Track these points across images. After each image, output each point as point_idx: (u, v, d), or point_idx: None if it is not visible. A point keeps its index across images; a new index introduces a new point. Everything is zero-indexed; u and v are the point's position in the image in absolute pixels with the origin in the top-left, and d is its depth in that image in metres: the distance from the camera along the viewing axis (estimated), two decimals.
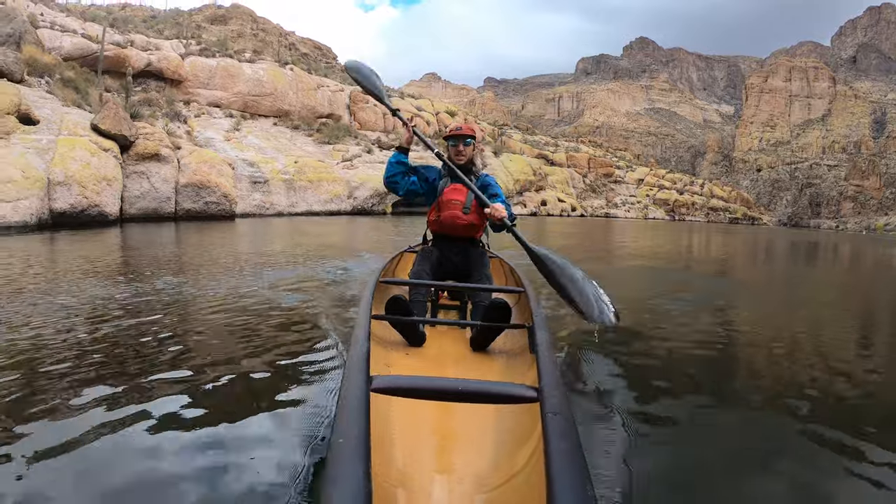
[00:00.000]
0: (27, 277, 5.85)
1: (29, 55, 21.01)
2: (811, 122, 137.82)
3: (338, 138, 34.85)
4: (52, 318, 3.99)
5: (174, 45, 38.97)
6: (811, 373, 3.65)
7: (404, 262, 4.33)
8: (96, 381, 2.71)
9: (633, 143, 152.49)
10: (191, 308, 4.62)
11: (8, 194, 11.22)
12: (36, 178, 11.86)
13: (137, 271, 6.48)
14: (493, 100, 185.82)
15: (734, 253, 16.49)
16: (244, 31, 78.35)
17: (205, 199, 16.61)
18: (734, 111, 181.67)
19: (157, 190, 15.34)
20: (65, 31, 32.17)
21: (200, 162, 17.06)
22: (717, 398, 3.02)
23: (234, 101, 35.31)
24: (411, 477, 1.47)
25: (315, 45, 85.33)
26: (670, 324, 5.01)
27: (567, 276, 2.31)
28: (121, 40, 34.22)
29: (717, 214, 72.54)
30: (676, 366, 3.62)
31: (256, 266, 7.31)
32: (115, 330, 3.73)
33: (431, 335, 2.83)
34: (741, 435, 2.50)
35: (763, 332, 4.95)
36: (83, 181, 12.75)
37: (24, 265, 6.85)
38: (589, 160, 67.94)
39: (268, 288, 5.55)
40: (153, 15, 79.63)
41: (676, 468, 2.14)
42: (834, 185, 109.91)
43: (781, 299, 7.32)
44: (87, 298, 4.70)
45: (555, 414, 1.38)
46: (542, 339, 2.11)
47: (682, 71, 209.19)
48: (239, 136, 28.50)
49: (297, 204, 23.47)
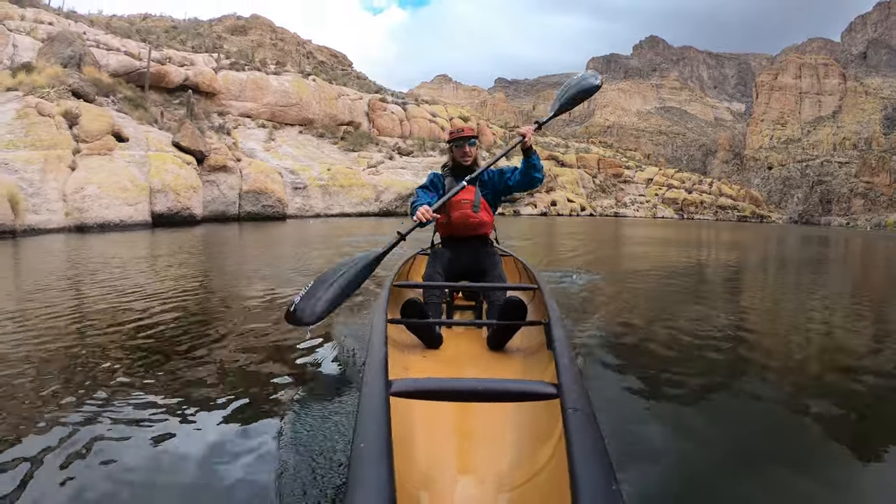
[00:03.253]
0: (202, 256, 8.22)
1: (91, 76, 23.29)
2: (822, 119, 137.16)
3: (361, 146, 37.28)
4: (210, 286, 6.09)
5: (205, 59, 41.59)
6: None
7: (417, 264, 4.37)
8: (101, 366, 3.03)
9: (644, 142, 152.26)
10: (228, 304, 5.09)
11: (128, 199, 13.92)
12: (142, 187, 14.52)
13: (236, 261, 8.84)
14: (504, 101, 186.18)
15: (739, 246, 17.34)
16: (264, 41, 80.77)
17: (262, 202, 19.30)
18: (745, 109, 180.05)
19: (224, 196, 18.12)
20: (109, 49, 34.58)
21: (258, 172, 19.81)
22: (744, 389, 2.99)
23: (263, 112, 37.70)
24: (434, 478, 1.49)
25: (331, 52, 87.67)
26: (687, 315, 5.01)
27: (570, 90, 3.57)
28: (159, 56, 36.79)
29: (726, 213, 73.41)
30: (696, 356, 3.58)
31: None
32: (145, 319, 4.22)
33: (448, 336, 2.84)
34: (770, 425, 2.48)
35: (783, 324, 4.97)
36: (176, 189, 15.46)
37: (185, 248, 9.30)
38: (598, 161, 69.35)
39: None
40: (174, 25, 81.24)
41: (705, 462, 2.10)
42: (845, 182, 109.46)
43: (799, 288, 7.54)
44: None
45: (575, 410, 1.37)
46: (559, 334, 2.11)
47: (692, 69, 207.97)
48: (274, 145, 31.03)
49: (331, 207, 26.00)
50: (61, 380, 2.85)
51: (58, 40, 25.92)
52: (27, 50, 25.93)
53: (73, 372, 2.96)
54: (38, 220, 12.05)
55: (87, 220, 13.13)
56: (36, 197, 12.30)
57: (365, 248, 10.52)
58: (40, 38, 28.12)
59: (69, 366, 3.07)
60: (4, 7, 31.54)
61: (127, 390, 2.68)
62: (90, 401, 2.52)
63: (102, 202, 13.48)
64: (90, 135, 14.85)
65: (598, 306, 5.32)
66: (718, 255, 13.20)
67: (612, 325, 4.28)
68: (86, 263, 7.74)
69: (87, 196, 13.29)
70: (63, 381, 2.82)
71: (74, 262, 7.96)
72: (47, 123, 14.25)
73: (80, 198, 13.19)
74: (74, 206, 13.05)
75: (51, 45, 25.46)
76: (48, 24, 32.86)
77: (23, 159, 12.86)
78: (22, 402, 2.54)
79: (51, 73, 19.47)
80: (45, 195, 12.62)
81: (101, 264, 7.54)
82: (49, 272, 6.89)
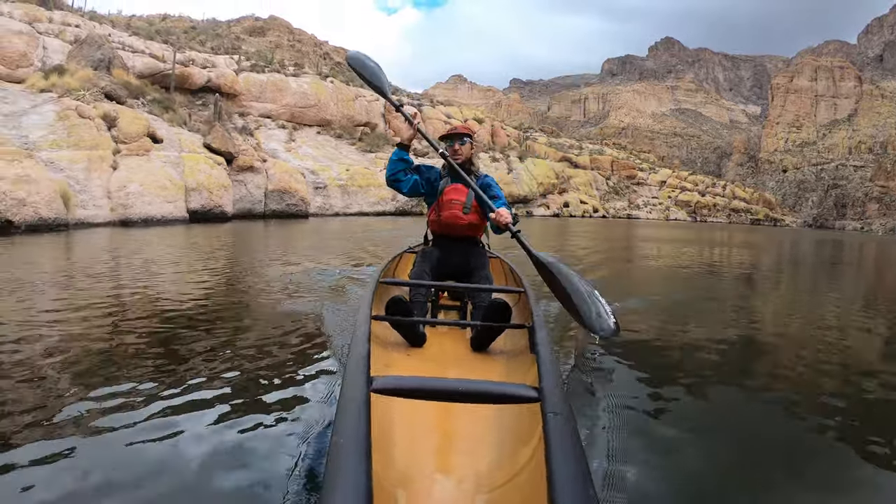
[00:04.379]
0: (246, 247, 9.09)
1: (120, 79, 23.97)
2: (837, 123, 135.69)
3: (378, 147, 38.11)
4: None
5: (226, 61, 42.65)
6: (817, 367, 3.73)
7: (404, 262, 4.39)
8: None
9: (659, 144, 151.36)
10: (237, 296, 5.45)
11: (167, 197, 14.97)
12: (179, 185, 15.55)
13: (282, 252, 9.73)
14: (518, 101, 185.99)
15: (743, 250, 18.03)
16: (281, 42, 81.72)
17: (287, 201, 20.34)
18: (761, 111, 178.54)
19: (251, 194, 19.15)
20: (135, 51, 35.54)
21: (283, 172, 20.85)
22: (719, 397, 3.01)
23: (282, 113, 38.46)
24: (412, 477, 1.49)
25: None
26: (670, 321, 5.01)
27: (571, 284, 2.20)
28: (182, 58, 37.76)
29: (739, 216, 73.75)
30: (676, 364, 3.60)
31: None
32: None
33: (432, 335, 2.85)
34: (745, 436, 2.49)
35: (763, 326, 5.02)
36: (210, 187, 16.53)
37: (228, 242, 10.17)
38: (612, 162, 69.88)
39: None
40: (193, 26, 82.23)
41: (676, 468, 2.14)
42: (860, 186, 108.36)
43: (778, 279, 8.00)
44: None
45: (555, 414, 1.37)
46: (543, 338, 2.12)
47: (708, 71, 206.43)
48: (294, 146, 31.95)
49: (350, 206, 26.90)
50: (98, 355, 3.22)
51: (87, 43, 26.75)
52: (56, 52, 26.42)
53: (105, 354, 3.25)
54: (87, 214, 12.99)
55: (132, 215, 14.12)
56: (83, 194, 13.24)
57: (386, 240, 11.54)
58: (68, 41, 29.03)
59: (106, 345, 3.45)
60: (33, 10, 32.58)
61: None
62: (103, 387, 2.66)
63: (145, 199, 14.49)
64: (129, 136, 15.84)
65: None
66: (730, 257, 13.68)
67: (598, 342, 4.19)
68: (157, 250, 9.10)
69: (130, 193, 14.27)
70: (98, 359, 3.15)
71: (145, 249, 9.19)
72: (88, 125, 15.19)
73: (124, 195, 14.18)
74: (119, 203, 14.03)
75: (80, 48, 26.27)
76: (75, 27, 33.78)
77: (67, 159, 13.81)
78: (44, 388, 2.66)
79: (82, 76, 20.33)
80: (91, 192, 13.56)
81: (173, 249, 9.06)
82: (126, 255, 8.18)
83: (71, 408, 2.38)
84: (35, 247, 8.87)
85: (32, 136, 14.19)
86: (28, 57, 24.24)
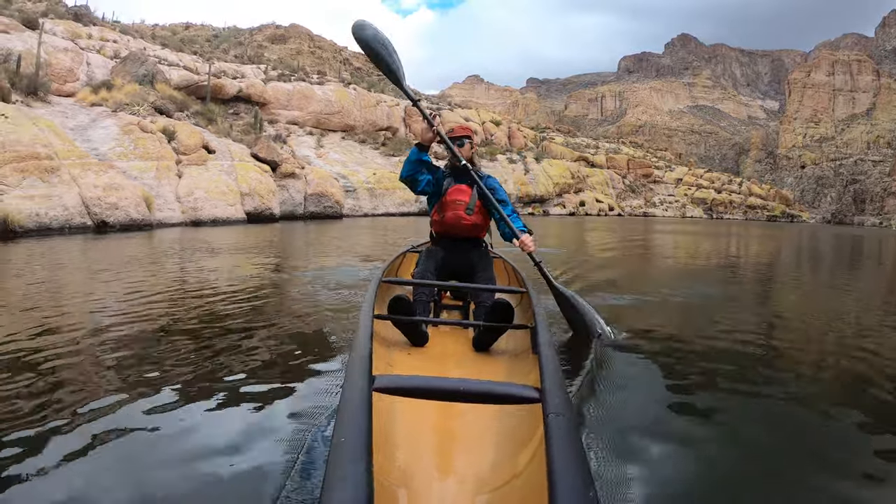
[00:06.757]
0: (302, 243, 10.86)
1: (164, 93, 25.74)
2: (855, 117, 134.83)
3: (400, 151, 39.87)
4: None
5: (254, 70, 44.68)
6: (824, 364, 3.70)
7: (407, 261, 4.42)
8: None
9: (677, 141, 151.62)
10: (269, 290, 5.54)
11: (228, 200, 17.08)
12: (235, 191, 17.56)
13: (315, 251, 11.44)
14: (535, 101, 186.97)
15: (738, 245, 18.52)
16: (302, 48, 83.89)
17: (323, 204, 22.37)
18: (779, 106, 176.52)
19: (293, 198, 21.24)
20: (170, 64, 37.39)
21: (319, 178, 22.99)
22: (725, 398, 2.92)
23: (308, 119, 40.39)
24: (413, 477, 1.49)
25: (367, 59, 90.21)
26: (676, 321, 4.94)
27: (584, 317, 3.36)
28: (213, 70, 39.70)
29: (756, 212, 73.52)
30: (682, 365, 3.52)
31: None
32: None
33: (434, 335, 2.86)
34: (753, 439, 2.40)
35: (758, 324, 4.91)
36: (260, 192, 18.55)
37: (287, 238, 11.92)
38: (628, 161, 70.63)
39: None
40: (215, 34, 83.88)
41: (679, 470, 2.09)
42: (878, 181, 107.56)
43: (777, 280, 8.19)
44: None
45: (557, 415, 1.36)
46: (545, 339, 2.10)
47: (725, 67, 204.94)
48: (323, 152, 33.92)
49: (377, 207, 28.84)
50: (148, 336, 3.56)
51: (130, 59, 28.68)
52: (99, 67, 28.12)
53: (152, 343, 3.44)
54: (163, 216, 14.89)
55: (201, 216, 16.10)
56: (158, 199, 15.13)
57: (407, 235, 13.09)
58: (108, 56, 31.00)
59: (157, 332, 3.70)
60: (73, 27, 34.64)
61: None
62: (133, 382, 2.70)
63: (210, 203, 16.48)
64: (188, 148, 17.87)
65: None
66: (746, 252, 14.49)
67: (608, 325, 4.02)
68: (240, 242, 10.70)
69: (197, 198, 16.26)
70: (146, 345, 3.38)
71: (224, 242, 10.61)
72: (151, 139, 17.19)
73: (192, 199, 16.17)
74: (189, 206, 16.02)
75: (124, 63, 28.16)
76: (113, 42, 35.95)
77: (138, 168, 15.77)
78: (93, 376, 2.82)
79: (129, 91, 22.29)
80: (164, 197, 15.51)
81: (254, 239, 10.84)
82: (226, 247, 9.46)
83: (64, 391, 2.55)
84: (128, 242, 10.23)
85: (101, 148, 16.02)
86: (74, 72, 26.02)
